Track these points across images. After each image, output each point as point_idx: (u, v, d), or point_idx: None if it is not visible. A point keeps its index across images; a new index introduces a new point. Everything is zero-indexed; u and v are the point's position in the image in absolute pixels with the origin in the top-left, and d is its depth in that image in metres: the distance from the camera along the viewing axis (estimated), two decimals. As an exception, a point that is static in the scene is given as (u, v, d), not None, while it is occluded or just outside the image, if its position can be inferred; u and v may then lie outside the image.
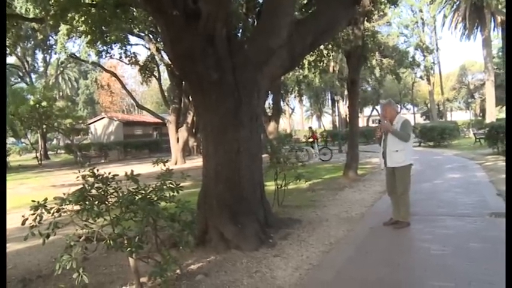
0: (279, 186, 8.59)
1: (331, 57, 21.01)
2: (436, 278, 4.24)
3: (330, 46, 15.09)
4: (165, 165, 4.73)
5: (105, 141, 37.67)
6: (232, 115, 6.11)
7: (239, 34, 8.32)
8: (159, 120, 29.73)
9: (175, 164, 24.17)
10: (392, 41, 31.74)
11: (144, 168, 24.02)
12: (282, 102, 37.14)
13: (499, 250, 4.78)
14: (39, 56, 45.10)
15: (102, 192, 4.42)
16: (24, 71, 43.51)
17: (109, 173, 4.57)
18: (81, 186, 4.37)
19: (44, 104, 26.54)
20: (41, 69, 47.94)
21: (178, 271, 4.91)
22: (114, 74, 29.93)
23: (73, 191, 4.29)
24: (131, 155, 36.32)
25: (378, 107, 56.19)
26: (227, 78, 6.05)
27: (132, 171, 4.53)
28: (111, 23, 12.97)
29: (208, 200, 6.27)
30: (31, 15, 14.50)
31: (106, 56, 19.15)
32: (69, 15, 13.06)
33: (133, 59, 21.71)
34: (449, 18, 40.50)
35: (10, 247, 6.29)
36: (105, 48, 16.26)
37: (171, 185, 4.53)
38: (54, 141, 66.82)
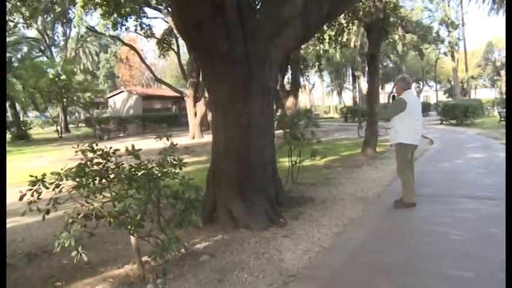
0: (294, 163, 8.32)
1: (351, 31, 20.33)
2: (454, 266, 3.95)
3: (349, 18, 14.51)
4: (168, 140, 4.48)
5: (124, 115, 37.71)
6: (242, 88, 5.82)
7: (252, 3, 7.94)
8: (178, 95, 29.49)
9: (193, 138, 24.07)
10: (416, 15, 30.68)
11: (161, 142, 24.10)
12: (301, 78, 36.54)
13: (524, 236, 4.46)
14: (60, 29, 45.20)
15: (103, 168, 4.23)
16: (45, 44, 43.60)
17: (110, 148, 4.38)
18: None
19: (63, 77, 26.57)
20: (62, 43, 48.08)
21: (183, 250, 4.74)
22: (132, 47, 29.70)
23: (71, 167, 4.12)
24: (150, 129, 36.28)
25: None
26: (237, 49, 5.72)
27: (133, 145, 4.30)
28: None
29: (217, 176, 6.05)
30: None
31: (121, 28, 18.91)
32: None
33: (149, 32, 21.37)
34: (477, -9, 38.96)
35: (21, 220, 6.20)
36: (119, 20, 16.00)
37: (173, 161, 4.29)
38: (76, 115, 67.55)
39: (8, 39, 31.49)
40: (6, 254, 5.30)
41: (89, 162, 4.15)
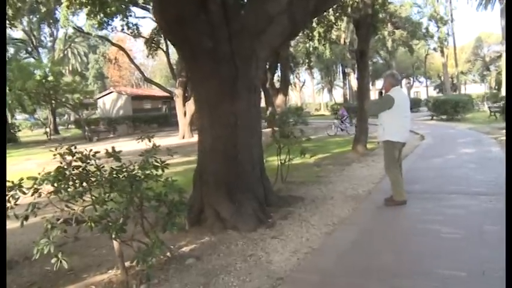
0: (283, 162, 8.20)
1: (339, 27, 20.25)
2: (446, 266, 3.84)
3: (337, 15, 14.41)
4: (150, 141, 4.34)
5: (114, 115, 37.43)
6: (228, 86, 5.68)
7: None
8: (168, 94, 29.28)
9: (183, 138, 23.90)
10: (405, 11, 30.68)
11: (153, 142, 23.72)
12: (291, 75, 36.45)
13: (516, 233, 4.38)
14: (47, 30, 44.75)
15: (83, 171, 4.09)
16: (32, 45, 43.15)
17: (90, 150, 4.23)
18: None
19: (50, 78, 26.26)
20: (50, 44, 47.64)
21: (168, 254, 4.60)
22: (120, 48, 29.43)
23: (49, 171, 3.97)
24: (140, 130, 36.01)
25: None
26: (222, 47, 5.59)
27: (113, 147, 4.16)
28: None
29: (204, 176, 5.92)
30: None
31: (107, 28, 18.65)
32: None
33: (136, 31, 21.14)
34: (465, -13, 38.99)
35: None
36: (105, 20, 15.77)
37: (155, 163, 4.15)
38: (66, 117, 67.02)
39: (-7, 41, 31.09)
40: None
41: (67, 166, 4.02)
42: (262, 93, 29.98)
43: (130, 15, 17.66)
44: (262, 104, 33.65)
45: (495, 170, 8.15)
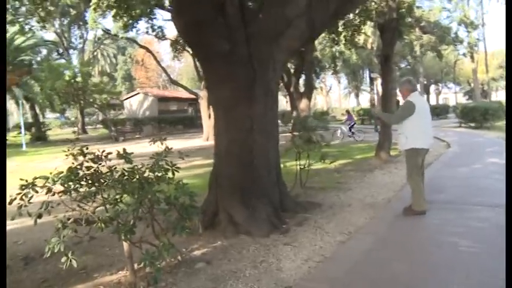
0: (302, 167, 8.11)
1: (364, 32, 19.99)
2: (460, 281, 3.68)
3: (362, 19, 14.23)
4: (162, 144, 4.33)
5: (140, 116, 37.92)
6: (244, 90, 5.64)
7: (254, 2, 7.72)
8: (194, 96, 29.49)
9: (207, 140, 24.00)
10: (433, 16, 30.06)
11: (177, 143, 23.84)
12: (316, 79, 36.22)
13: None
14: (78, 32, 45.76)
15: (94, 172, 4.11)
16: (63, 47, 44.13)
17: (102, 151, 4.25)
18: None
19: (78, 79, 26.81)
20: (80, 45, 48.65)
21: (179, 257, 4.58)
22: (147, 49, 29.77)
23: (60, 170, 4.01)
24: (165, 131, 36.44)
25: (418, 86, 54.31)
26: (239, 50, 5.56)
27: (124, 149, 4.16)
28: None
29: (219, 180, 5.89)
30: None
31: (132, 30, 18.88)
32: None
33: (161, 34, 21.36)
34: (498, -9, 38.02)
35: (24, 222, 6.15)
36: (131, 22, 15.97)
37: (167, 165, 4.12)
38: (95, 116, 68.28)
39: (27, 43, 31.94)
40: (7, 257, 5.30)
41: (79, 166, 4.05)
42: (288, 97, 30.00)
43: (155, 18, 17.89)
44: (288, 108, 33.65)
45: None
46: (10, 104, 40.58)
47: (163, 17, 20.92)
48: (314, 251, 4.75)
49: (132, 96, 40.90)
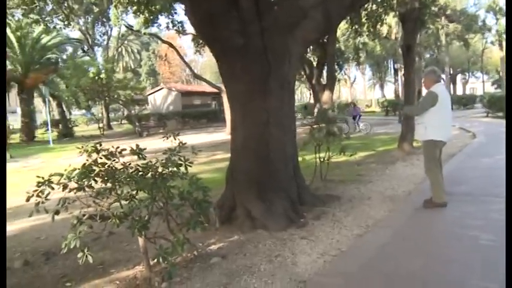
0: (322, 160, 8.03)
1: (386, 22, 19.63)
2: (480, 276, 3.58)
3: (383, 9, 13.97)
4: (175, 139, 4.33)
5: (164, 111, 38.23)
6: (260, 83, 5.60)
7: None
8: (217, 90, 29.56)
9: (230, 132, 23.99)
10: (460, 3, 29.33)
11: (200, 137, 23.87)
12: (339, 71, 35.80)
13: None
14: (102, 29, 46.31)
15: (108, 168, 4.14)
16: (88, 44, 44.78)
17: (117, 148, 4.28)
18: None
19: (102, 75, 27.19)
20: (105, 42, 49.30)
21: (195, 252, 4.60)
22: (170, 45, 29.92)
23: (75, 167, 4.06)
24: (189, 125, 36.70)
25: (443, 76, 53.23)
26: (254, 43, 5.51)
27: (137, 145, 4.18)
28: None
29: (236, 175, 5.88)
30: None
31: (153, 26, 19.03)
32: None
33: (181, 29, 21.42)
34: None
35: (46, 219, 6.27)
36: (151, 18, 16.07)
37: (180, 161, 4.12)
38: (120, 112, 69.29)
39: (53, 41, 32.53)
40: (29, 252, 5.42)
41: (93, 163, 4.09)
42: (311, 89, 29.75)
43: (176, 13, 17.95)
44: (312, 100, 33.36)
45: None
46: (38, 102, 41.51)
47: (184, 12, 21.06)
48: (330, 245, 4.70)
49: (156, 91, 41.24)
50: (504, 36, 39.63)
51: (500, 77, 50.77)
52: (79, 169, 3.97)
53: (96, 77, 26.84)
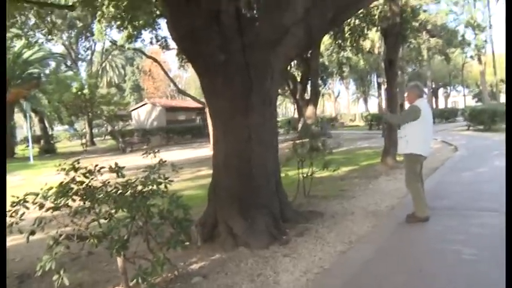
0: (305, 175, 8.00)
1: (369, 37, 19.92)
2: (462, 291, 3.57)
3: (365, 24, 14.16)
4: (155, 156, 4.27)
5: (148, 127, 38.00)
6: (241, 99, 5.57)
7: (250, 10, 7.67)
8: (202, 106, 29.50)
9: (212, 149, 23.91)
10: (440, 19, 29.89)
11: (185, 153, 23.66)
12: (323, 86, 36.10)
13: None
14: (86, 44, 46.11)
15: (87, 187, 4.06)
16: (71, 59, 44.50)
17: (95, 166, 4.20)
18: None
19: (85, 91, 26.99)
20: (89, 57, 49.04)
21: (175, 272, 4.51)
22: (154, 60, 29.98)
23: (50, 187, 3.97)
24: (174, 141, 36.50)
25: (425, 89, 53.95)
26: (236, 59, 5.49)
27: (116, 163, 4.10)
28: (140, 7, 12.70)
29: (218, 191, 5.81)
30: (62, 2, 14.46)
31: (136, 41, 19.00)
32: (99, 0, 12.89)
33: (165, 44, 21.45)
34: (504, -7, 37.65)
35: (21, 239, 6.12)
36: (134, 33, 16.06)
37: (159, 179, 4.06)
38: (103, 128, 68.74)
39: (35, 56, 32.24)
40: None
41: (71, 181, 4.00)
42: (295, 104, 29.91)
43: (159, 28, 17.95)
44: (295, 115, 33.52)
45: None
46: (19, 117, 40.95)
47: (166, 27, 21.07)
48: (313, 263, 4.65)
49: (140, 106, 40.99)
50: (483, 50, 40.56)
51: (480, 91, 51.65)
52: (56, 188, 3.88)
53: (80, 92, 26.61)
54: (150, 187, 4.01)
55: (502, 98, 55.95)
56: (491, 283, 3.71)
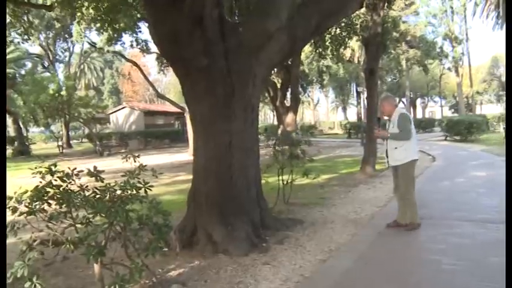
0: (286, 183, 7.98)
1: (349, 46, 20.12)
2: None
3: (346, 33, 14.29)
4: (135, 161, 4.17)
5: (126, 130, 37.57)
6: (223, 105, 5.52)
7: (234, 15, 7.65)
8: (181, 110, 29.28)
9: (193, 154, 23.74)
10: (419, 30, 30.47)
11: (163, 158, 23.41)
12: (303, 93, 36.31)
13: (522, 267, 4.08)
14: (64, 45, 45.33)
15: (63, 191, 3.93)
16: (48, 60, 43.68)
17: (73, 169, 4.08)
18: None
19: (63, 93, 26.52)
20: (66, 59, 48.24)
21: (153, 279, 4.40)
22: (134, 63, 29.62)
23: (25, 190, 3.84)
24: (152, 145, 36.19)
25: (404, 99, 54.81)
26: (218, 64, 5.44)
27: (95, 167, 4.00)
28: (121, 10, 12.55)
29: (198, 198, 5.73)
30: (40, 1, 14.20)
31: (116, 44, 18.75)
32: (79, 1, 12.68)
33: (145, 47, 21.24)
34: (480, 7, 38.36)
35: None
36: (115, 35, 15.84)
37: (139, 184, 3.96)
38: (80, 131, 67.67)
39: (11, 56, 31.61)
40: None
41: (47, 185, 3.87)
42: (275, 111, 29.96)
43: (140, 31, 17.76)
44: (275, 122, 33.57)
45: (504, 196, 7.84)
46: (-8, 118, 39.93)
47: (148, 31, 20.77)
48: (293, 271, 4.61)
49: (118, 110, 40.50)
50: (460, 63, 41.40)
51: (457, 102, 52.62)
52: (31, 191, 3.75)
53: (57, 94, 26.08)
54: (129, 192, 3.91)
55: (478, 110, 57.25)
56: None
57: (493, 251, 4.79)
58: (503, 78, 59.67)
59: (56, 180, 3.91)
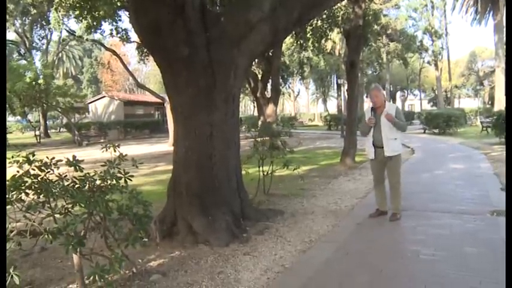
0: (266, 173, 8.00)
1: (331, 38, 20.19)
2: (420, 291, 3.64)
3: (328, 25, 14.31)
4: (115, 151, 4.12)
5: (106, 120, 37.10)
6: (204, 96, 5.49)
7: (216, 5, 7.60)
8: (161, 101, 28.98)
9: (173, 145, 23.59)
10: (400, 24, 30.72)
11: (142, 148, 23.22)
12: (284, 85, 36.35)
13: (498, 257, 4.20)
14: (41, 32, 44.30)
15: (42, 181, 3.87)
16: (25, 47, 42.70)
17: (52, 159, 4.01)
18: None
19: (40, 81, 25.97)
20: (44, 46, 47.19)
21: (134, 269, 4.38)
22: (114, 52, 29.09)
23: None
24: (131, 135, 35.88)
25: (384, 92, 55.25)
26: (199, 55, 5.40)
27: (74, 156, 3.94)
28: (100, -3, 12.36)
29: (178, 188, 5.70)
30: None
31: (96, 32, 18.43)
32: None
33: (125, 36, 20.91)
34: (460, 2, 38.92)
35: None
36: (94, 24, 15.55)
37: (120, 173, 3.92)
38: (59, 120, 66.52)
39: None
40: None
41: (25, 175, 3.80)
42: (255, 102, 29.98)
43: (120, 20, 17.49)
44: (255, 113, 33.59)
45: (482, 187, 8.04)
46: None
47: (128, 19, 20.20)
48: (274, 261, 4.64)
49: (98, 99, 39.92)
50: (440, 57, 41.91)
51: (436, 95, 53.34)
52: (8, 181, 3.68)
53: (34, 82, 25.53)
54: (109, 182, 3.87)
55: (456, 103, 58.13)
56: (449, 282, 3.80)
57: (470, 241, 4.92)
58: (481, 73, 60.78)
59: (33, 169, 3.84)
